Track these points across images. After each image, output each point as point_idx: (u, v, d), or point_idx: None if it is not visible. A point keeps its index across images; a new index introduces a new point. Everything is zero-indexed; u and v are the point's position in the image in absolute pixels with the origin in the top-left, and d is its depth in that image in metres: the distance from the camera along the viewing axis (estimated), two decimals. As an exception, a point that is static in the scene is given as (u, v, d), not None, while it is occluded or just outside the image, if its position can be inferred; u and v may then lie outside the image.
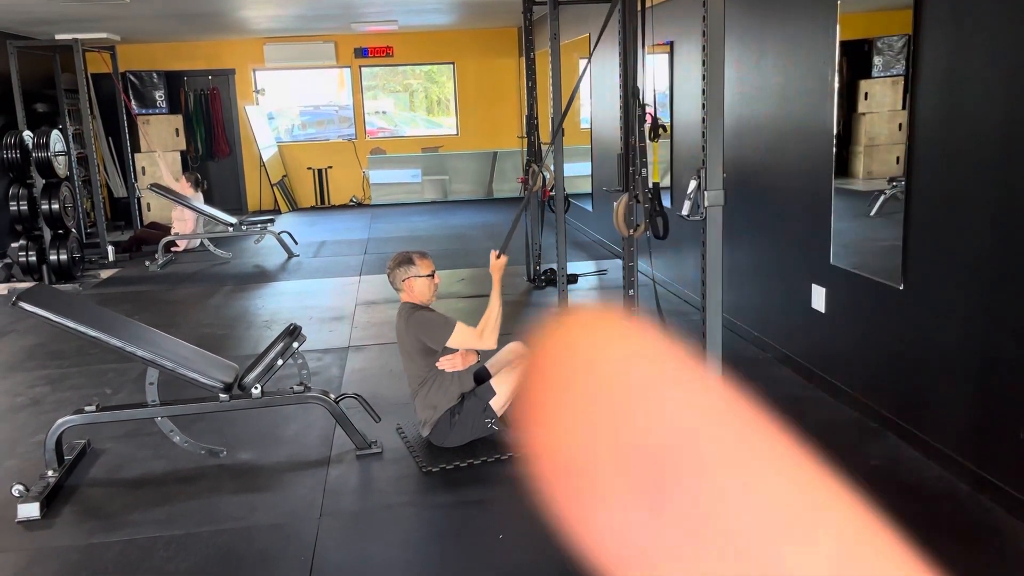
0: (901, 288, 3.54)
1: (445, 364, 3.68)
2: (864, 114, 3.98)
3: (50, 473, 3.47)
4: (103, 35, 9.21)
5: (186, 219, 8.93)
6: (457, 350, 3.70)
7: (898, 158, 3.59)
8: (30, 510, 3.25)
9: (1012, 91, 2.87)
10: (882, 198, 3.94)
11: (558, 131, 4.79)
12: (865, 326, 3.87)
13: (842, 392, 4.03)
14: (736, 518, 0.21)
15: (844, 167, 4.05)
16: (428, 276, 3.70)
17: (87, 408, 3.62)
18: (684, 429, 0.22)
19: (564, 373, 0.22)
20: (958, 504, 3.10)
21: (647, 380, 0.22)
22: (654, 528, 0.21)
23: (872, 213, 4.07)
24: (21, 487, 3.29)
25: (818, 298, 4.21)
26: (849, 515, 0.22)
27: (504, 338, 3.79)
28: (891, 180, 3.79)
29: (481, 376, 3.82)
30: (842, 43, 3.88)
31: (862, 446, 3.62)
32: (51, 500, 3.37)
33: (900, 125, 3.54)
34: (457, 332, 3.62)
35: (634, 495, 0.21)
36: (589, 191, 8.84)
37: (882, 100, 3.88)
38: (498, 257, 3.79)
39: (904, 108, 3.50)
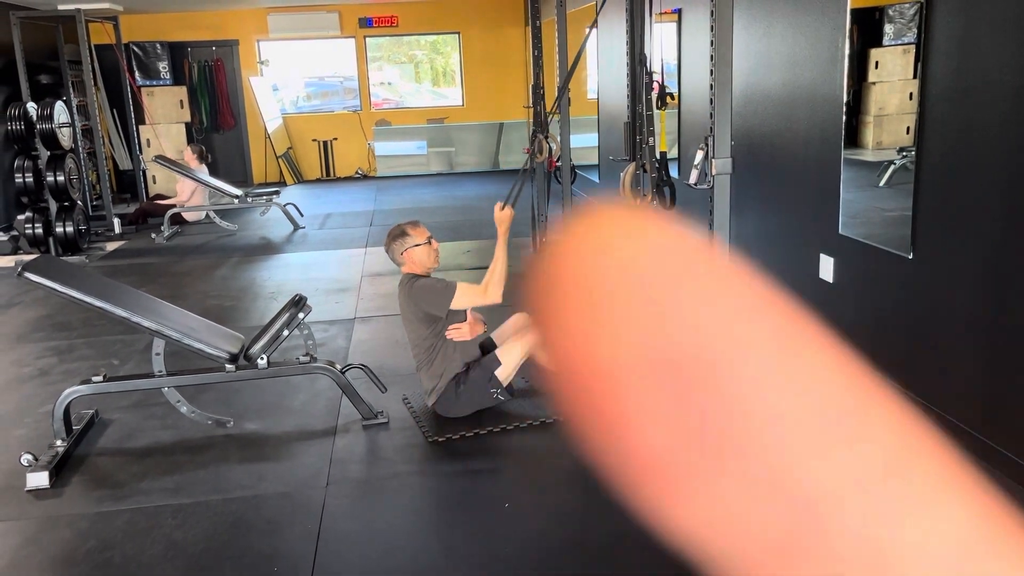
0: (910, 257, 3.51)
1: (453, 334, 3.67)
2: (874, 83, 3.93)
3: (58, 443, 3.49)
4: (106, 5, 9.13)
5: (185, 189, 8.92)
6: (464, 316, 3.69)
7: (908, 128, 3.55)
8: (39, 479, 3.27)
9: (1026, 57, 2.82)
10: (892, 168, 3.90)
11: (563, 95, 4.75)
12: (874, 296, 3.85)
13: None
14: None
15: (853, 137, 4.01)
16: (425, 243, 3.69)
17: (94, 378, 3.63)
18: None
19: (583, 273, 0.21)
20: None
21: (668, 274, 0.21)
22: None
23: (881, 183, 4.04)
24: (30, 456, 3.31)
25: (826, 268, 4.18)
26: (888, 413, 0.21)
27: (508, 310, 3.77)
28: (901, 150, 3.75)
29: (486, 347, 3.82)
30: (853, 11, 3.82)
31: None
32: (60, 469, 3.39)
33: (911, 94, 3.50)
34: (459, 294, 3.59)
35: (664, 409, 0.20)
36: (596, 162, 8.78)
37: (893, 69, 3.83)
38: (502, 209, 3.76)
39: (915, 77, 3.45)
